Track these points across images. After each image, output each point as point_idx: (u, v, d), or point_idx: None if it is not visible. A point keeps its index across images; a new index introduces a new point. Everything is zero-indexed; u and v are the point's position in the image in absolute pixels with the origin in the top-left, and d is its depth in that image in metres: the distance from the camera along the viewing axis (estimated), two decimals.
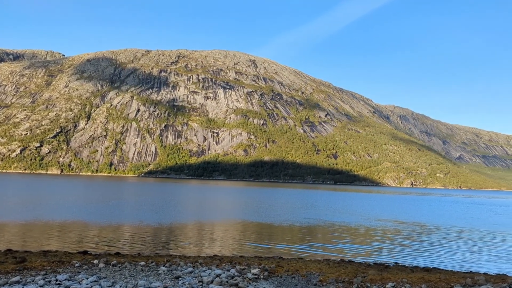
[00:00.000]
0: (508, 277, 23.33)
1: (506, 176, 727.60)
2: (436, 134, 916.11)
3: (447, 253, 33.17)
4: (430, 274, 23.68)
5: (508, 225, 60.71)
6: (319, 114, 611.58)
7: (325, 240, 37.57)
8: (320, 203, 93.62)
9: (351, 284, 20.04)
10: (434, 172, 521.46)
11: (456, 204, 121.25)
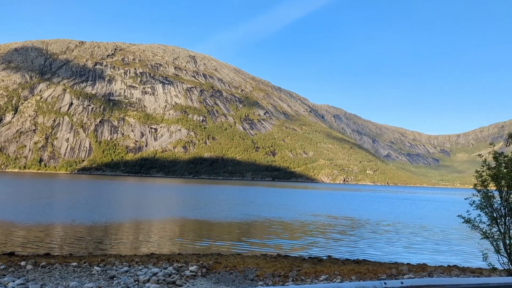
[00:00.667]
0: (428, 267, 25.06)
1: (427, 173, 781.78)
2: (366, 133, 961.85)
3: (376, 245, 34.95)
4: (359, 266, 24.82)
5: (429, 218, 65.18)
6: (258, 112, 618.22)
7: (263, 236, 38.10)
8: (258, 199, 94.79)
9: (286, 278, 20.48)
10: (364, 169, 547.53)
11: (383, 199, 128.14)
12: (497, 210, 16.53)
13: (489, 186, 17.12)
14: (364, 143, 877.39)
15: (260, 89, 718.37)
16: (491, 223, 16.59)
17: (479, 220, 16.96)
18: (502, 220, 16.38)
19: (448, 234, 44.50)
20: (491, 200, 16.63)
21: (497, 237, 16.32)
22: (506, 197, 16.47)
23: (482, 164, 17.67)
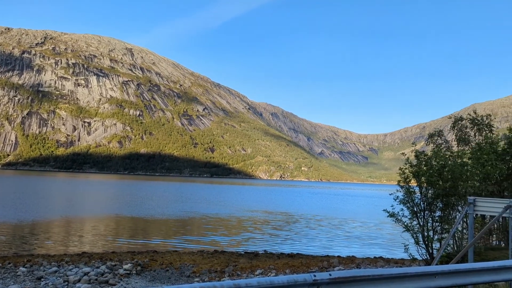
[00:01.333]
0: (356, 259, 26.43)
1: (358, 170, 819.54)
2: (302, 131, 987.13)
3: (309, 239, 36.16)
4: (293, 259, 25.59)
5: (358, 213, 68.53)
6: (197, 108, 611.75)
7: (200, 233, 37.96)
8: (196, 196, 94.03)
9: (223, 273, 20.62)
10: (300, 166, 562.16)
11: (317, 195, 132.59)
12: (417, 204, 17.82)
13: (411, 182, 18.38)
14: (299, 140, 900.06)
15: (199, 84, 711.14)
16: (412, 217, 17.85)
17: (401, 214, 18.17)
18: (422, 214, 17.69)
19: (375, 227, 47.05)
20: (412, 195, 17.88)
21: (417, 229, 17.60)
22: (425, 193, 17.80)
23: (405, 162, 18.93)
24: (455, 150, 21.94)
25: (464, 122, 24.06)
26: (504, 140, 20.01)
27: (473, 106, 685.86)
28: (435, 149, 19.74)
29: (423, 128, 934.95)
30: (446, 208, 17.88)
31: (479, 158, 18.87)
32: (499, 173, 19.08)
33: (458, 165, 17.82)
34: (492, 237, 19.54)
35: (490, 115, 24.55)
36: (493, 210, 10.55)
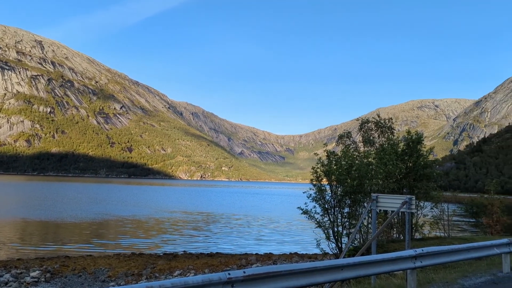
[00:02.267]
0: (273, 255, 27.19)
1: (275, 169, 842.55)
2: (222, 132, 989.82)
3: (228, 239, 36.42)
4: (213, 258, 25.63)
5: (275, 211, 70.47)
6: (114, 106, 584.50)
7: (117, 236, 36.36)
8: (112, 197, 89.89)
9: (140, 276, 20.05)
10: (220, 165, 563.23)
11: (236, 194, 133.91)
12: (328, 202, 18.79)
13: (322, 181, 19.33)
14: (220, 140, 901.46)
15: (116, 82, 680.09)
16: (323, 214, 18.76)
17: (314, 211, 19.02)
18: (332, 210, 18.69)
19: (292, 225, 48.76)
20: (324, 193, 18.82)
21: (328, 225, 18.54)
22: (335, 190, 18.83)
23: (317, 161, 19.89)
24: (362, 150, 23.51)
25: (370, 124, 25.90)
26: (403, 142, 21.84)
27: (378, 110, 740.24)
28: (344, 150, 20.94)
29: (335, 129, 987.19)
30: (353, 204, 19.03)
31: (382, 158, 20.40)
32: (399, 172, 20.82)
33: (364, 165, 19.13)
34: (393, 231, 21.21)
35: (392, 118, 26.70)
36: (392, 206, 11.50)
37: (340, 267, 6.83)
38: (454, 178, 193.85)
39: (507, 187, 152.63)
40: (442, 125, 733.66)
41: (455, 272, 10.07)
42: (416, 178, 21.21)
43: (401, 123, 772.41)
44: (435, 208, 22.72)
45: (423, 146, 21.80)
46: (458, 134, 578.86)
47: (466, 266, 11.10)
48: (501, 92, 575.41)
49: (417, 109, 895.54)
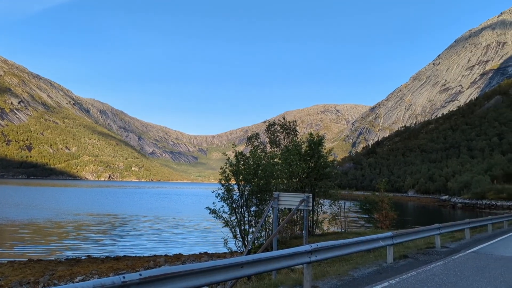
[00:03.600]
0: (183, 256, 26.79)
1: (188, 170, 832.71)
2: (133, 130, 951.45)
3: (137, 241, 35.05)
4: (119, 262, 24.48)
5: (187, 212, 69.58)
6: (11, 100, 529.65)
7: (11, 242, 32.95)
8: (6, 199, 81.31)
9: (37, 284, 18.51)
10: (130, 166, 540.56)
11: (147, 195, 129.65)
12: (236, 201, 19.05)
13: (231, 180, 19.54)
14: (130, 140, 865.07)
15: (13, 74, 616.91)
16: (231, 213, 18.98)
17: (222, 210, 19.16)
18: (239, 209, 18.98)
19: (203, 225, 48.50)
20: (231, 192, 19.03)
21: (235, 224, 18.79)
22: (242, 190, 19.15)
23: (226, 161, 20.05)
24: (268, 151, 24.21)
25: (276, 127, 26.81)
26: (306, 143, 22.92)
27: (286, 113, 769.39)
28: (252, 150, 21.37)
29: (246, 131, 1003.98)
30: (260, 203, 19.52)
31: (286, 159, 21.21)
32: (302, 171, 21.81)
33: (270, 165, 19.73)
34: (296, 227, 22.14)
35: (296, 121, 27.91)
36: (292, 204, 12.00)
37: (240, 264, 6.92)
38: (352, 178, 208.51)
39: (396, 185, 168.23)
40: (343, 128, 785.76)
41: (347, 265, 10.79)
42: (317, 178, 22.39)
43: (307, 126, 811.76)
44: (333, 205, 24.19)
45: (324, 148, 23.10)
46: (356, 137, 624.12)
47: (358, 258, 11.96)
48: (392, 100, 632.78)
49: (321, 113, 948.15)
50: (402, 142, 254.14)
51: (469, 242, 15.65)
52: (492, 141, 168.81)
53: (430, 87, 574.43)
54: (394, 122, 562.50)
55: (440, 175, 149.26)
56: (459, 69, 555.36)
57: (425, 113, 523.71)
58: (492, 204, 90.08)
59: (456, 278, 8.99)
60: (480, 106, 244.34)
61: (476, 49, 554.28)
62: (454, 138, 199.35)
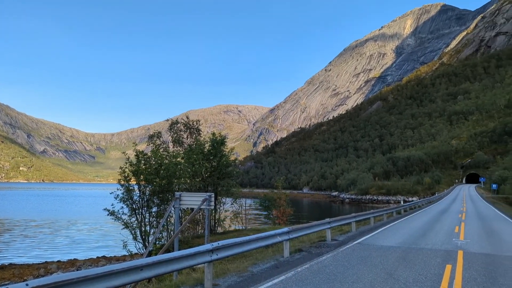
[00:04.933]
0: (78, 261, 24.85)
1: (84, 169, 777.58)
2: (21, 127, 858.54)
3: (26, 248, 31.68)
4: (4, 271, 21.90)
5: (82, 214, 64.86)
6: None
7: None
8: None
9: None
10: (17, 165, 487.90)
11: (37, 197, 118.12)
12: (136, 202, 18.27)
13: (131, 180, 18.67)
14: (18, 137, 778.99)
15: None
16: (131, 214, 18.15)
17: (121, 212, 18.21)
18: (140, 210, 18.24)
19: (101, 227, 45.61)
20: (132, 193, 18.21)
21: (135, 226, 18.00)
22: (143, 190, 18.43)
23: (126, 161, 19.11)
24: (171, 150, 23.67)
25: (179, 125, 26.32)
26: (209, 143, 22.88)
27: (189, 112, 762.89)
28: (154, 149, 20.71)
29: (148, 129, 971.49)
30: (162, 203, 18.99)
31: (189, 158, 20.96)
32: (205, 171, 21.74)
33: (173, 164, 19.30)
34: (198, 227, 21.99)
35: (199, 120, 27.75)
36: (194, 203, 11.85)
37: (139, 267, 6.62)
38: (253, 176, 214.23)
39: (293, 183, 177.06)
40: (244, 128, 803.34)
41: (247, 261, 10.99)
42: (219, 177, 22.49)
43: (210, 125, 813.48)
44: (235, 204, 24.53)
45: (226, 147, 23.30)
46: (257, 137, 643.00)
47: (257, 254, 12.25)
48: (289, 102, 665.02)
49: (224, 113, 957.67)
50: (298, 142, 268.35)
51: (355, 235, 17.02)
52: (374, 142, 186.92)
53: (323, 92, 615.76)
54: (291, 124, 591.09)
55: (331, 173, 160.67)
56: (347, 75, 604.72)
57: (318, 115, 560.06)
58: (374, 199, 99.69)
59: (343, 268, 9.71)
60: (365, 110, 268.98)
61: (361, 58, 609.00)
62: (343, 139, 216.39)
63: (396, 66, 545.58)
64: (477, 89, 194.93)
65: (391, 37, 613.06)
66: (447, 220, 24.37)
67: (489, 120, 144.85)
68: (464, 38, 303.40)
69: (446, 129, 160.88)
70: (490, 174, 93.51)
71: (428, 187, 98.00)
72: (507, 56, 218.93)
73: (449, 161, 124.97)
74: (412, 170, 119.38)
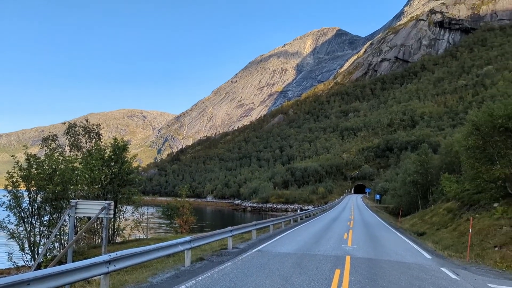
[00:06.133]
0: None
1: None
2: None
3: None
4: None
5: None
6: None
7: None
8: None
9: None
10: None
11: None
12: (25, 210, 16.49)
13: (20, 186, 16.82)
14: None
15: None
16: (18, 223, 16.31)
17: (8, 220, 16.30)
18: (29, 219, 16.48)
19: None
20: (20, 200, 16.40)
21: (23, 236, 16.21)
22: (34, 197, 16.72)
23: (15, 165, 17.20)
24: (68, 155, 21.90)
25: (77, 129, 24.48)
26: (110, 148, 21.65)
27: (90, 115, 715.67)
28: (48, 153, 18.97)
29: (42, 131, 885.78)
30: (55, 211, 17.42)
31: (88, 163, 19.58)
32: (105, 177, 20.49)
33: (69, 170, 17.84)
34: (96, 236, 20.58)
35: (100, 124, 26.14)
36: (92, 212, 11.05)
37: (25, 281, 5.99)
38: (156, 184, 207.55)
39: (197, 191, 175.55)
40: (149, 134, 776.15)
41: (147, 271, 10.58)
42: (120, 184, 21.36)
43: (112, 130, 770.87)
44: (136, 212, 23.47)
45: (129, 153, 22.26)
46: (161, 144, 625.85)
47: (158, 264, 11.87)
48: (196, 111, 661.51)
49: (127, 118, 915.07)
50: (203, 151, 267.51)
51: (255, 242, 17.43)
52: (275, 153, 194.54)
53: (229, 102, 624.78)
54: (197, 132, 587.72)
55: (235, 181, 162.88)
56: (252, 88, 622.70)
57: (224, 125, 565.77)
58: (274, 207, 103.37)
59: (243, 275, 9.88)
60: (267, 123, 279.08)
61: (265, 73, 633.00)
62: (247, 149, 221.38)
63: (297, 82, 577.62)
64: (365, 108, 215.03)
65: (292, 55, 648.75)
66: (337, 227, 26.24)
67: (374, 136, 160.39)
68: (355, 61, 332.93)
69: (338, 143, 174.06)
70: (375, 185, 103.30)
71: (322, 196, 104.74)
72: (390, 80, 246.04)
73: (340, 172, 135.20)
74: (309, 180, 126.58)
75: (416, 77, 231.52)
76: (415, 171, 43.96)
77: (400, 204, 50.50)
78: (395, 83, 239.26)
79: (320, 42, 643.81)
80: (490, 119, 19.65)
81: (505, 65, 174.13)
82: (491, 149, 20.14)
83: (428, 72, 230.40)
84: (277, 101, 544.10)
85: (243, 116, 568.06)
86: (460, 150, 25.74)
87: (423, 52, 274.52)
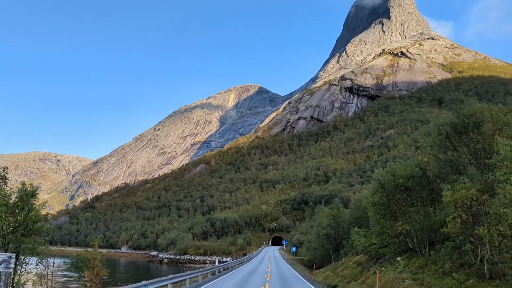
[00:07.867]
0: None
1: None
2: None
3: None
4: None
5: None
6: None
7: None
8: None
9: None
10: None
11: None
12: None
13: None
14: None
15: None
16: None
17: None
18: None
19: None
20: None
21: None
22: None
23: None
24: None
25: None
26: (17, 194, 19.60)
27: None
28: None
29: None
30: None
31: None
32: (7, 226, 18.30)
33: None
34: None
35: (7, 167, 23.73)
36: None
37: None
38: (66, 233, 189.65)
39: (111, 241, 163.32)
40: (62, 179, 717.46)
41: None
42: (25, 233, 19.17)
43: (21, 173, 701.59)
44: (40, 264, 21.04)
45: (37, 200, 20.30)
46: (75, 189, 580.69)
47: None
48: (115, 156, 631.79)
49: (39, 161, 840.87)
50: (120, 198, 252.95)
51: None
52: (196, 202, 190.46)
53: (150, 149, 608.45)
54: (115, 178, 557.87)
55: (152, 231, 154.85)
56: (175, 137, 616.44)
57: (144, 172, 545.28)
58: (192, 259, 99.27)
59: None
60: (189, 172, 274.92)
61: (189, 122, 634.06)
62: (167, 198, 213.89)
63: (220, 133, 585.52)
64: (283, 162, 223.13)
65: (216, 107, 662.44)
66: (255, 280, 25.91)
67: (291, 189, 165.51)
68: (275, 118, 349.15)
69: (258, 194, 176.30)
70: (291, 237, 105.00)
71: (240, 248, 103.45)
72: (306, 137, 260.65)
73: (259, 224, 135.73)
74: (228, 231, 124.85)
75: (329, 135, 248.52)
76: (328, 224, 45.76)
77: (315, 256, 51.66)
78: (310, 140, 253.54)
79: (243, 97, 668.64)
80: (393, 178, 21.57)
81: (404, 130, 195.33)
82: (394, 206, 21.90)
83: (339, 132, 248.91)
84: (199, 150, 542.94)
85: (165, 164, 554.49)
86: (368, 205, 27.54)
87: (335, 113, 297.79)
